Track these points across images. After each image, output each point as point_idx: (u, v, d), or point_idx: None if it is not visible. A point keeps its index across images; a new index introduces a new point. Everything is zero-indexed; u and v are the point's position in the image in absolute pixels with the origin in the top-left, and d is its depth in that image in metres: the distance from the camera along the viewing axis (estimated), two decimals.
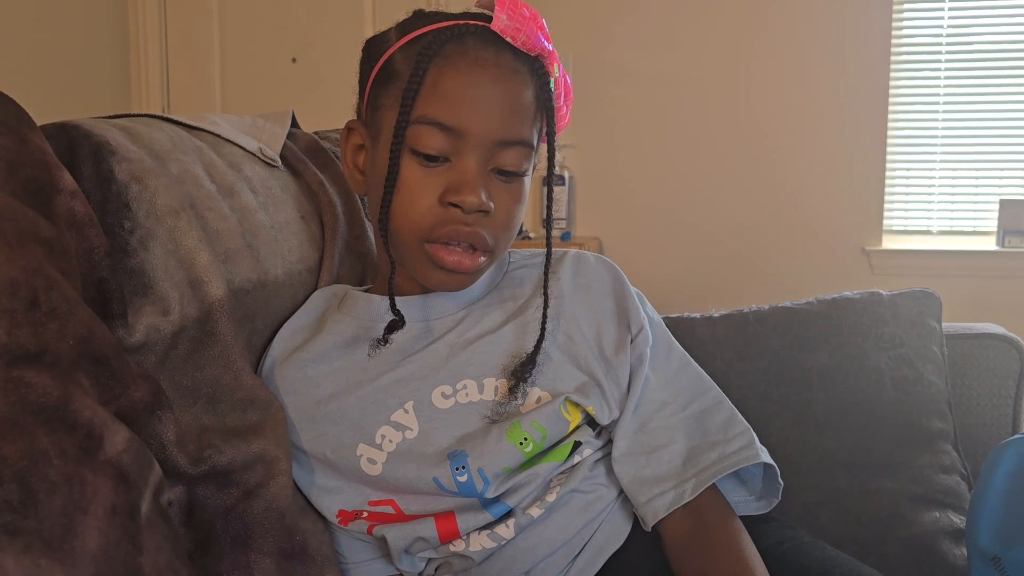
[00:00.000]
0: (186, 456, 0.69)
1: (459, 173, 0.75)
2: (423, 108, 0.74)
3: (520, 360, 0.78)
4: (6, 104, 0.64)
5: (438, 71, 0.74)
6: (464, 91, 0.74)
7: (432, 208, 0.75)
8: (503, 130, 0.75)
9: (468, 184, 0.74)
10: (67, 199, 0.65)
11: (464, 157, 0.75)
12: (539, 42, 0.76)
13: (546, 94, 0.78)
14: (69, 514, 0.52)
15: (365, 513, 0.79)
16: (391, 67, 0.78)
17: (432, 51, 0.74)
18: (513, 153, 0.77)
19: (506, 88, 0.75)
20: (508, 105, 0.76)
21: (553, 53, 0.79)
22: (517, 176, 0.78)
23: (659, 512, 0.77)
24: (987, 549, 0.84)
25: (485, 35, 0.75)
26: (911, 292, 1.11)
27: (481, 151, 0.75)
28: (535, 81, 0.77)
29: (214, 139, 0.90)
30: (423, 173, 0.75)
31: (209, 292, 0.75)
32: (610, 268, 0.86)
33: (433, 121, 0.74)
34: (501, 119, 0.75)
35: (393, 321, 0.80)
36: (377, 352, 0.81)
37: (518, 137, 0.77)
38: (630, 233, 3.22)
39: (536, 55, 0.77)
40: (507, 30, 0.75)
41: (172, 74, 3.43)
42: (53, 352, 0.56)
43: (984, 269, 3.02)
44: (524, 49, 0.76)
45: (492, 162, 0.76)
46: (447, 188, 0.75)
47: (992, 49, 3.06)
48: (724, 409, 0.84)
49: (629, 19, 3.15)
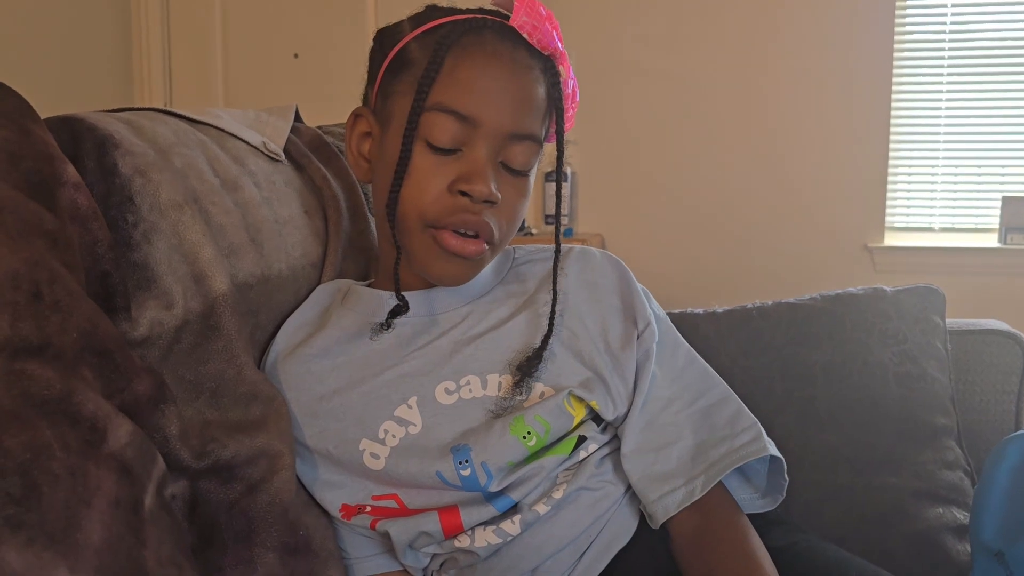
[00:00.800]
0: (189, 450, 0.69)
1: (470, 163, 0.76)
2: (438, 95, 0.75)
3: (526, 355, 0.78)
4: (9, 96, 0.64)
5: (455, 60, 0.75)
6: (480, 81, 0.75)
7: (441, 195, 0.76)
8: (515, 123, 0.76)
9: (479, 173, 0.75)
10: (70, 192, 0.65)
11: (476, 147, 0.76)
12: (553, 41, 0.78)
13: (557, 93, 0.79)
14: (72, 507, 0.52)
15: (368, 507, 0.79)
16: (406, 55, 0.79)
17: (451, 40, 0.75)
18: (522, 148, 0.77)
19: (521, 82, 0.76)
20: (521, 99, 0.76)
21: (565, 54, 0.80)
22: (523, 173, 0.79)
23: (670, 510, 0.77)
24: (991, 544, 0.84)
25: (503, 30, 0.77)
26: (915, 288, 1.11)
27: (492, 142, 0.76)
28: (547, 79, 0.79)
29: (218, 133, 0.89)
30: (434, 161, 0.76)
31: (213, 286, 0.75)
32: (616, 264, 0.86)
33: (448, 108, 0.75)
34: (514, 112, 0.76)
35: (397, 306, 0.80)
36: (379, 337, 0.81)
37: (529, 131, 0.77)
38: (632, 229, 3.22)
39: (549, 54, 0.78)
40: (525, 26, 0.76)
41: (175, 68, 3.43)
42: (56, 345, 0.56)
43: (986, 266, 3.02)
44: (539, 47, 0.77)
45: (501, 155, 0.77)
46: (458, 176, 0.75)
47: (995, 46, 3.06)
48: (731, 404, 0.84)
49: (633, 16, 3.14)
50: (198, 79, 3.42)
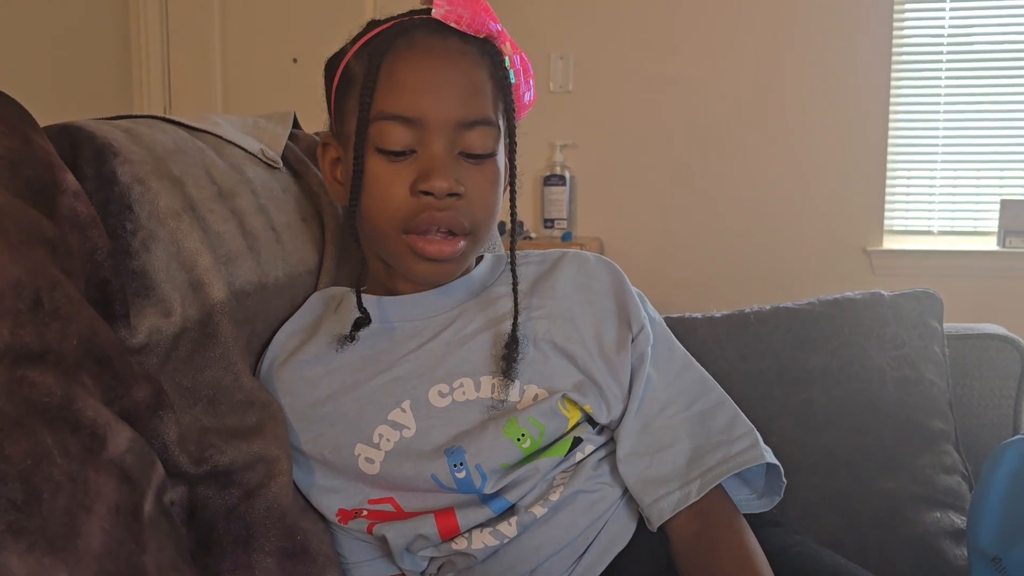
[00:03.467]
0: (188, 456, 0.69)
1: (426, 161, 0.76)
2: (380, 105, 0.76)
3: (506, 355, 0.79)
4: (9, 104, 0.64)
5: (390, 66, 0.76)
6: (417, 79, 0.76)
7: (405, 199, 0.76)
8: (462, 111, 0.77)
9: (436, 169, 0.75)
10: (70, 200, 0.65)
11: (429, 144, 0.76)
12: (484, 23, 0.78)
13: (501, 72, 0.79)
14: (73, 513, 0.52)
15: (365, 511, 0.79)
16: (348, 73, 0.80)
17: (383, 48, 0.76)
18: (477, 134, 0.78)
19: (458, 70, 0.77)
20: (462, 86, 0.77)
21: (503, 32, 0.80)
22: (486, 157, 0.79)
23: (665, 513, 0.77)
24: (988, 549, 0.84)
25: (430, 25, 0.77)
26: (912, 292, 1.11)
27: (444, 136, 0.76)
28: (488, 61, 0.79)
29: (216, 140, 0.90)
30: (391, 168, 0.77)
31: (210, 294, 0.75)
32: (610, 267, 0.87)
33: (392, 115, 0.75)
34: (458, 101, 0.76)
35: (359, 319, 0.80)
36: (344, 348, 0.81)
37: (478, 116, 0.77)
38: (631, 233, 3.22)
39: (485, 36, 0.79)
40: (449, 15, 0.76)
41: (173, 74, 3.43)
42: (56, 352, 0.57)
43: (985, 269, 3.02)
44: (471, 31, 0.78)
45: (458, 145, 0.77)
46: (417, 177, 0.76)
47: (993, 49, 3.06)
48: (727, 409, 0.84)
49: (630, 20, 3.15)
50: (197, 84, 3.43)
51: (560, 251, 0.87)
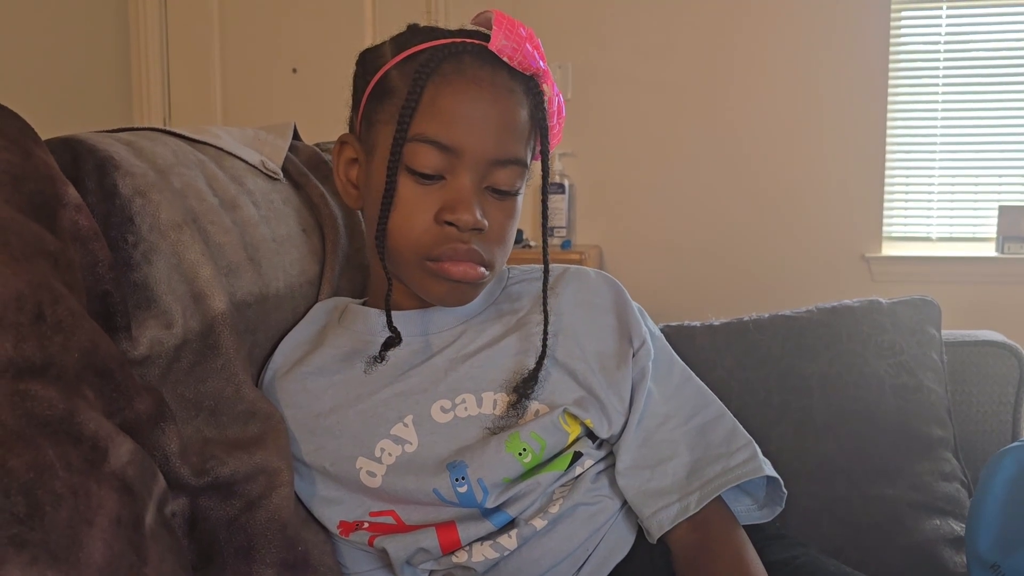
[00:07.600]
0: (189, 468, 0.69)
1: (454, 191, 0.75)
2: (419, 126, 0.74)
3: (522, 376, 0.79)
4: (10, 118, 0.65)
5: (435, 89, 0.74)
6: (460, 110, 0.75)
7: (429, 227, 0.76)
8: (498, 149, 0.76)
9: (463, 202, 0.75)
10: (72, 213, 0.65)
11: (459, 175, 0.76)
12: (534, 61, 0.77)
13: (540, 113, 0.79)
14: (74, 526, 0.52)
15: (366, 524, 0.80)
16: (387, 83, 0.78)
17: (429, 69, 0.74)
18: (507, 172, 0.77)
19: (502, 108, 0.76)
20: (503, 124, 0.76)
21: (547, 72, 0.79)
22: (510, 194, 0.79)
23: (664, 524, 0.77)
24: (986, 556, 0.84)
25: (482, 54, 0.76)
26: (910, 300, 1.11)
27: (476, 169, 0.76)
28: (530, 100, 0.78)
29: (216, 152, 0.90)
30: (419, 191, 0.76)
31: (211, 306, 0.75)
32: (611, 283, 0.87)
33: (429, 139, 0.74)
34: (496, 138, 0.76)
35: (389, 338, 0.80)
36: (374, 369, 0.81)
37: (512, 156, 0.77)
38: (630, 241, 3.22)
39: (531, 74, 0.78)
40: (504, 50, 0.75)
41: (173, 85, 3.44)
42: (58, 365, 0.57)
43: (983, 275, 3.02)
44: (520, 69, 0.77)
45: (486, 180, 0.77)
46: (443, 206, 0.75)
47: (990, 56, 3.07)
48: (726, 422, 0.84)
49: (628, 27, 3.16)
50: (196, 95, 3.44)
51: (562, 267, 0.87)
